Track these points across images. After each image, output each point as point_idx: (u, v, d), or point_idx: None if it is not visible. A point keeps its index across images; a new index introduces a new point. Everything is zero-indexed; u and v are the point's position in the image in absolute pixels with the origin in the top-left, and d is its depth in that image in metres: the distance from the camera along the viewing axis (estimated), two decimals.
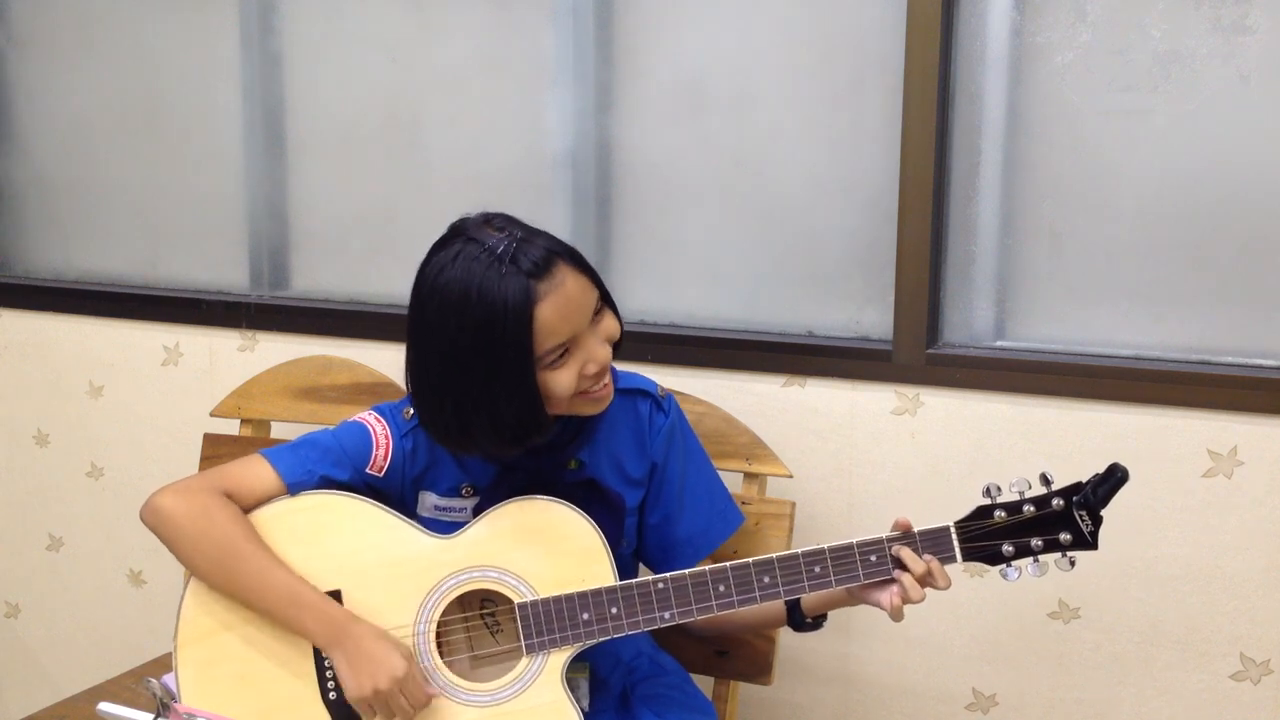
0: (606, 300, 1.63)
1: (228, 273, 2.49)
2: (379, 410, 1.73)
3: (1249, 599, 1.88)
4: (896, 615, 1.58)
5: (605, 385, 1.62)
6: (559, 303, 1.53)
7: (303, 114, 2.40)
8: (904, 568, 1.57)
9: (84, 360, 2.57)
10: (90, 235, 2.62)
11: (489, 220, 1.58)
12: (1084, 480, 1.56)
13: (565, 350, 1.56)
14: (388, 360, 2.23)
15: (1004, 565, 1.56)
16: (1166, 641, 1.93)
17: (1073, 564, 1.56)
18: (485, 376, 1.53)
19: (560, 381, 1.56)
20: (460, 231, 1.58)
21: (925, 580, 1.57)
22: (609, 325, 1.62)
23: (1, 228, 2.69)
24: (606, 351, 1.60)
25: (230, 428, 2.27)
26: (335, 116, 2.37)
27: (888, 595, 1.58)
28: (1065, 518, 1.55)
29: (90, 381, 2.58)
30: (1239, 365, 1.87)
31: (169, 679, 1.64)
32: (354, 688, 1.56)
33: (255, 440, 2.22)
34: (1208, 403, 1.85)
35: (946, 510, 1.99)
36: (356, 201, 2.38)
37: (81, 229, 2.62)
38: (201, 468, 2.23)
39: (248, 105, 2.42)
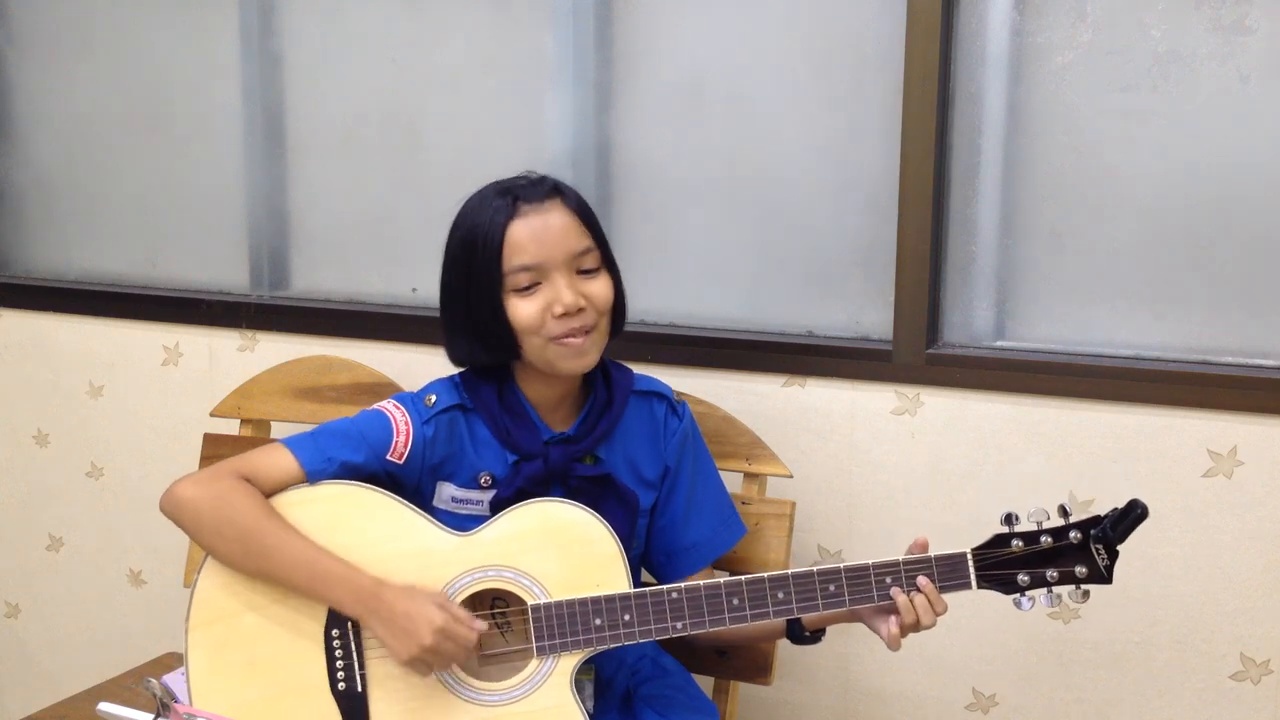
0: (608, 265, 1.70)
1: (228, 273, 2.49)
2: (399, 399, 1.74)
3: (1249, 599, 1.88)
4: (894, 644, 1.58)
5: (582, 341, 1.66)
6: (534, 225, 1.63)
7: (303, 114, 2.40)
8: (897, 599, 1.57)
9: (84, 360, 2.57)
10: (90, 235, 2.62)
11: (543, 176, 1.71)
12: (1102, 514, 1.55)
13: (535, 281, 1.63)
14: (388, 360, 2.24)
15: (1017, 594, 1.56)
16: (1166, 641, 1.93)
17: (1086, 596, 1.55)
18: (464, 282, 1.66)
19: (524, 311, 1.63)
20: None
21: (920, 607, 1.56)
22: (596, 285, 1.67)
23: (1, 228, 2.69)
24: (576, 299, 1.64)
25: (230, 428, 2.27)
26: (335, 117, 2.37)
27: (886, 624, 1.58)
28: (1082, 551, 1.55)
29: (90, 381, 2.58)
30: (1239, 365, 1.87)
31: (169, 679, 1.65)
32: (401, 651, 1.55)
33: (255, 440, 2.22)
34: (1208, 403, 1.85)
35: (946, 511, 2.00)
36: (356, 201, 2.38)
37: (81, 229, 2.62)
38: (202, 467, 2.23)
39: (248, 105, 2.42)
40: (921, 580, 1.56)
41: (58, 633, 2.73)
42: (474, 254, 1.64)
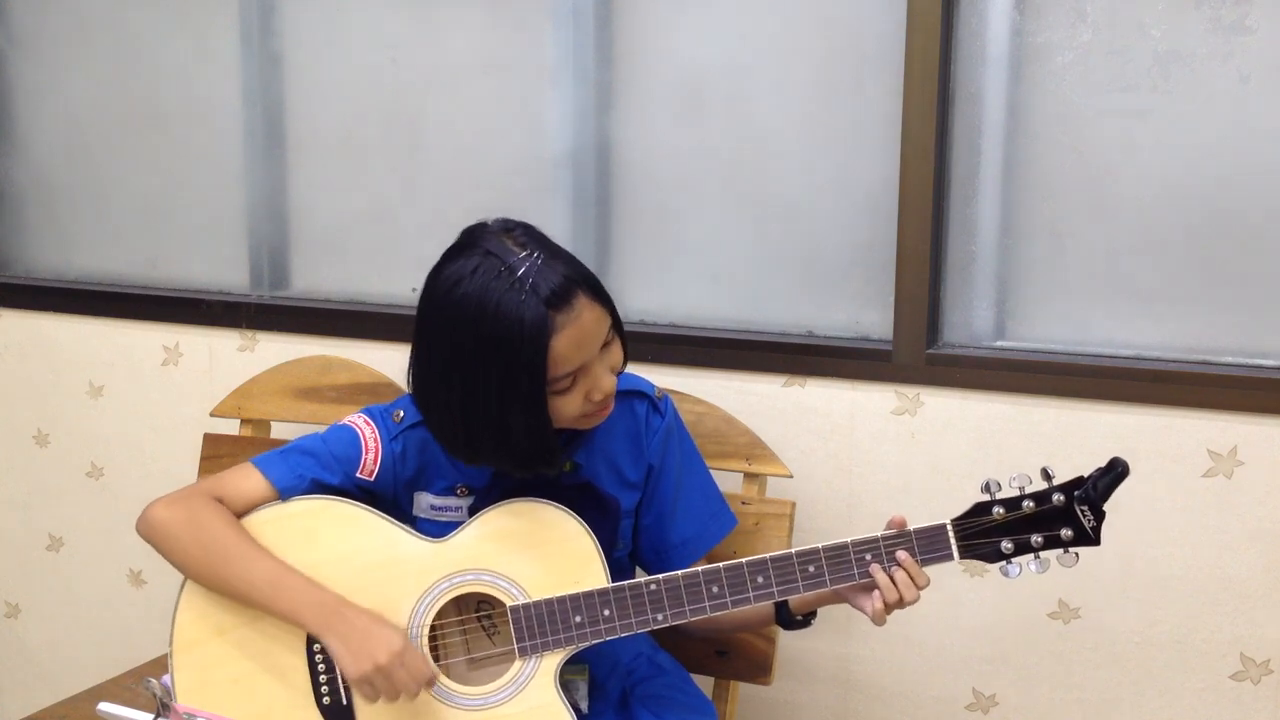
0: (617, 328, 1.62)
1: (228, 273, 2.49)
2: (369, 413, 1.73)
3: (1249, 599, 1.88)
4: (879, 620, 1.57)
5: (606, 406, 1.62)
6: (574, 335, 1.52)
7: (303, 114, 2.40)
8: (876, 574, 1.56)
9: (84, 360, 2.57)
10: (90, 235, 2.62)
11: (509, 231, 1.56)
12: (1085, 475, 1.54)
13: (573, 378, 1.55)
14: (388, 360, 2.23)
15: (1003, 562, 1.55)
16: (1166, 641, 1.93)
17: (1076, 559, 1.54)
18: (498, 398, 1.52)
19: (566, 407, 1.57)
20: (478, 241, 1.55)
21: (901, 583, 1.55)
22: (616, 354, 1.61)
23: (1, 228, 2.69)
24: (612, 381, 1.59)
25: (230, 428, 2.27)
26: (335, 116, 2.37)
27: (870, 600, 1.57)
28: (1066, 513, 1.53)
29: (90, 381, 2.58)
30: (1239, 365, 1.87)
31: (169, 679, 1.65)
32: (353, 667, 1.53)
33: (255, 440, 2.22)
34: (1208, 403, 1.85)
35: (947, 510, 1.99)
36: (356, 201, 2.38)
37: (81, 229, 2.62)
38: (201, 468, 2.23)
39: (248, 105, 2.42)
40: (900, 555, 1.55)
41: (58, 633, 2.73)
42: (510, 374, 1.51)
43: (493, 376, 1.51)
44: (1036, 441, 1.94)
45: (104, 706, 1.48)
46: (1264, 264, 1.85)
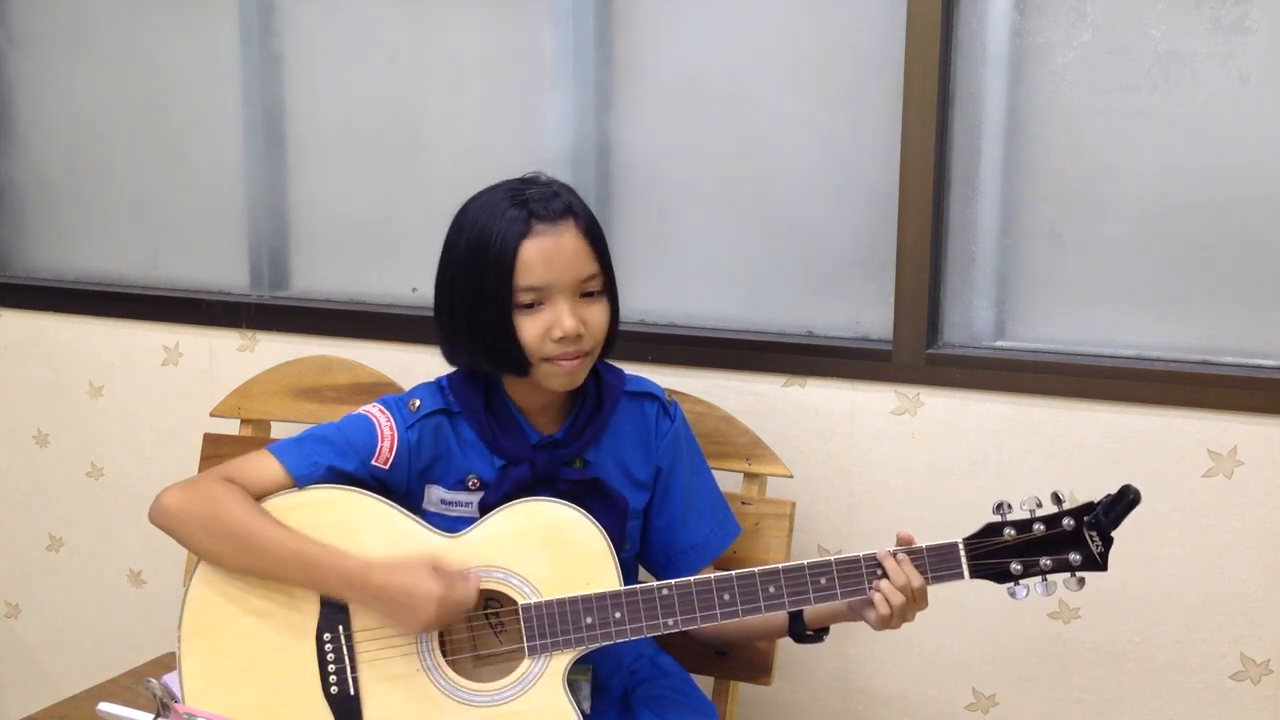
0: (609, 291, 1.67)
1: (228, 273, 2.49)
2: (384, 403, 1.74)
3: (1248, 598, 1.88)
4: (880, 624, 1.58)
5: (576, 364, 1.64)
6: (546, 246, 1.60)
7: (303, 114, 2.40)
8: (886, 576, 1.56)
9: (84, 360, 2.58)
10: (90, 235, 2.62)
11: (551, 181, 1.68)
12: (1096, 501, 1.54)
13: (538, 300, 1.61)
14: (388, 360, 2.24)
15: (1011, 584, 1.55)
16: (1166, 641, 1.93)
17: (1081, 584, 1.54)
18: (472, 288, 1.62)
19: (526, 329, 1.61)
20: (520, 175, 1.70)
21: (906, 591, 1.55)
22: (595, 311, 1.65)
23: (1, 228, 2.69)
24: (576, 325, 1.61)
25: (230, 428, 2.27)
26: (335, 116, 2.37)
27: (873, 610, 1.58)
28: (1075, 538, 1.54)
29: (90, 381, 2.58)
30: (1239, 365, 1.87)
31: (169, 679, 1.65)
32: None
33: (255, 440, 2.22)
34: (1208, 403, 1.85)
35: (947, 510, 2.00)
36: (356, 201, 2.38)
37: (81, 229, 2.62)
38: (201, 468, 2.23)
39: (248, 105, 2.42)
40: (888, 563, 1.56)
41: (58, 633, 2.73)
42: (485, 266, 1.61)
43: (471, 268, 1.62)
44: (1036, 441, 1.94)
45: (104, 706, 1.48)
46: (1264, 264, 1.85)
